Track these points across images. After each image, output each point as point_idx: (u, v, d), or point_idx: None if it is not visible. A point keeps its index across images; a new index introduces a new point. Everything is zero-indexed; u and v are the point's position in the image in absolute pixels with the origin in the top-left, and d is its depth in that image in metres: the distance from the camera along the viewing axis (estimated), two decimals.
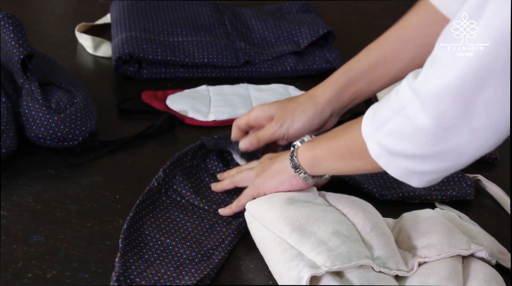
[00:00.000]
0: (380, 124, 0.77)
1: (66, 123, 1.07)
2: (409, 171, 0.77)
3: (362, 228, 0.89)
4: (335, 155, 0.89)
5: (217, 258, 0.91)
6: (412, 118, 0.72)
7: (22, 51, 1.10)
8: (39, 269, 0.88)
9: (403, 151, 0.75)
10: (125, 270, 0.87)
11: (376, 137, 0.78)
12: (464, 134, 0.70)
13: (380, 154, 0.78)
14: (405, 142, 0.74)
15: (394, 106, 0.75)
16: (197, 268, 0.89)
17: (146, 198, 0.99)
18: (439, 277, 0.84)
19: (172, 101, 1.24)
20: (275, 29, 1.43)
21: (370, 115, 0.81)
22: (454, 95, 0.68)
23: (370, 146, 0.79)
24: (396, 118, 0.75)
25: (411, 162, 0.76)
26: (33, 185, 1.03)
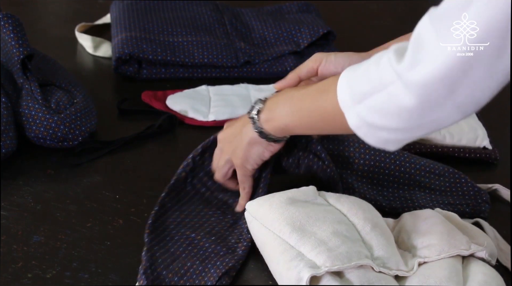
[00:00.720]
0: (360, 97, 0.77)
1: (66, 123, 1.07)
2: (388, 140, 0.78)
3: (362, 228, 0.89)
4: (307, 124, 0.89)
5: (241, 250, 0.92)
6: (396, 98, 0.73)
7: (22, 51, 1.10)
8: (39, 269, 0.88)
9: (385, 125, 0.76)
10: (152, 264, 0.88)
11: (356, 109, 0.77)
12: (447, 109, 0.71)
13: (360, 125, 0.78)
14: (388, 118, 0.75)
15: (375, 82, 0.75)
16: (222, 261, 0.90)
17: (172, 190, 1.00)
18: (439, 278, 0.84)
19: (172, 101, 1.24)
20: (275, 29, 1.43)
21: (344, 83, 0.79)
22: (441, 80, 0.69)
23: (349, 117, 0.79)
24: (378, 95, 0.75)
25: (392, 133, 0.76)
26: (33, 185, 1.03)
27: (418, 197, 1.02)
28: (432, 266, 0.87)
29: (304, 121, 0.88)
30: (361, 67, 0.79)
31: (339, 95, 0.79)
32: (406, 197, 1.03)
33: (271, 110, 0.91)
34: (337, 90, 0.80)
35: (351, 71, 0.80)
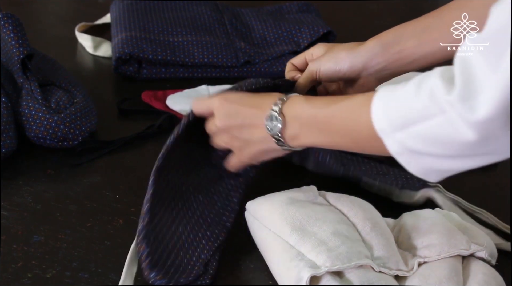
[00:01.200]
0: (402, 123, 0.72)
1: (66, 123, 1.07)
2: (432, 169, 0.74)
3: (362, 228, 0.89)
4: (337, 144, 0.84)
5: (229, 222, 0.93)
6: (450, 129, 0.68)
7: (22, 51, 1.10)
8: (39, 269, 0.88)
9: (432, 153, 0.72)
10: (154, 227, 0.88)
11: (397, 137, 0.73)
12: (504, 141, 0.68)
13: (401, 152, 0.74)
14: (437, 147, 0.71)
15: (418, 111, 0.71)
16: (211, 231, 0.91)
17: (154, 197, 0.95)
18: (439, 278, 0.84)
19: (172, 101, 1.24)
20: (275, 29, 1.43)
21: (381, 109, 0.75)
22: (502, 112, 0.65)
23: (388, 144, 0.75)
24: (424, 123, 0.70)
25: (438, 161, 0.72)
26: (33, 185, 1.03)
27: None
28: (432, 266, 0.87)
29: (334, 142, 0.83)
30: (398, 91, 0.74)
31: (376, 122, 0.75)
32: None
33: (294, 127, 0.85)
34: (372, 116, 0.75)
35: (387, 95, 0.75)
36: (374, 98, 0.76)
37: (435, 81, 0.70)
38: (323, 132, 0.83)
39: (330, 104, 0.83)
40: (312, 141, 0.85)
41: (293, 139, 0.86)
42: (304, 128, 0.85)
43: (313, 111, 0.84)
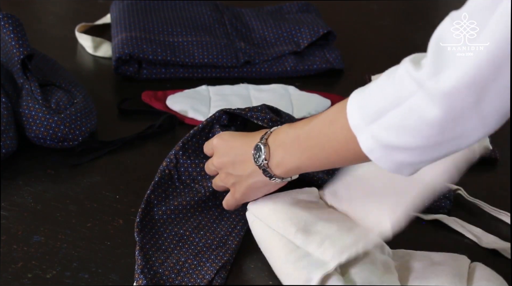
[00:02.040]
0: (374, 116, 0.72)
1: (66, 123, 1.07)
2: (404, 163, 0.73)
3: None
4: (319, 161, 0.83)
5: (233, 243, 0.93)
6: (418, 111, 0.68)
7: (22, 51, 1.10)
8: (39, 269, 0.88)
9: (402, 145, 0.71)
10: (147, 262, 0.88)
11: (370, 130, 0.72)
12: (473, 121, 0.67)
13: (373, 148, 0.73)
14: (407, 135, 0.70)
15: (391, 97, 0.70)
16: (216, 254, 0.90)
17: (157, 187, 0.99)
18: (440, 281, 0.84)
19: (172, 101, 1.24)
20: (275, 29, 1.43)
21: (355, 105, 0.74)
22: (469, 86, 0.64)
23: (361, 140, 0.74)
24: (395, 110, 0.70)
25: (409, 154, 0.72)
26: (33, 185, 1.03)
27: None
28: (434, 269, 0.87)
29: (316, 159, 0.82)
30: (370, 86, 0.74)
31: (350, 119, 0.74)
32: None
33: (278, 154, 0.85)
34: (347, 114, 0.75)
35: (360, 91, 0.75)
36: (349, 98, 0.76)
37: (405, 65, 0.70)
38: (305, 150, 0.83)
39: (310, 121, 0.83)
40: (296, 163, 0.85)
41: (278, 166, 0.86)
42: (287, 153, 0.85)
43: (295, 133, 0.84)
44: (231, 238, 0.94)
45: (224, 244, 0.93)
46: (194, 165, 1.02)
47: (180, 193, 1.00)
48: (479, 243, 0.96)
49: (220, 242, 0.93)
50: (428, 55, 0.68)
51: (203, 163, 1.02)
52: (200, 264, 0.89)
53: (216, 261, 0.89)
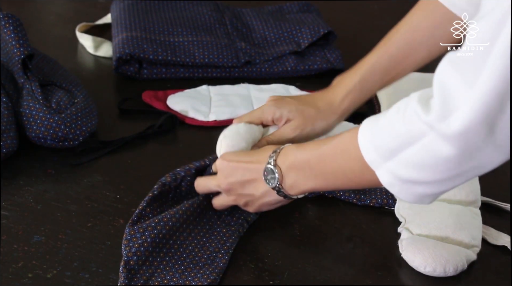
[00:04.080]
0: (389, 153, 0.75)
1: (66, 123, 1.07)
2: (424, 195, 0.76)
3: None
4: (333, 185, 0.88)
5: (221, 262, 0.90)
6: (433, 150, 0.70)
7: (22, 51, 1.10)
8: (39, 269, 0.88)
9: (421, 180, 0.74)
10: (131, 279, 0.86)
11: (387, 166, 0.75)
12: (488, 151, 0.69)
13: (393, 182, 0.76)
14: (425, 171, 0.73)
15: (403, 137, 0.73)
16: (202, 273, 0.88)
17: (153, 201, 0.97)
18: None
19: (173, 101, 1.24)
20: (275, 29, 1.43)
21: (368, 141, 0.77)
22: (480, 123, 0.66)
23: (380, 175, 0.76)
24: (410, 149, 0.73)
25: (429, 187, 0.74)
26: (34, 185, 1.03)
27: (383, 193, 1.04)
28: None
29: (330, 183, 0.85)
30: (381, 121, 0.76)
31: (365, 154, 0.77)
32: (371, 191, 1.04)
33: (291, 176, 0.86)
34: (361, 149, 0.77)
35: (371, 126, 0.77)
36: (360, 131, 0.78)
37: (413, 106, 0.72)
38: (318, 175, 0.85)
39: (319, 146, 0.85)
40: (310, 186, 0.86)
41: (292, 188, 0.87)
42: (300, 176, 0.86)
43: (305, 156, 0.86)
44: (220, 256, 0.91)
45: (212, 261, 0.90)
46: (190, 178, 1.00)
47: (170, 206, 0.98)
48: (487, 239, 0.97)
49: (208, 260, 0.91)
50: (435, 97, 0.70)
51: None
52: (185, 283, 0.87)
53: (202, 280, 0.87)
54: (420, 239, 0.93)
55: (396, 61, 0.99)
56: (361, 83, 0.99)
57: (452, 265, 0.90)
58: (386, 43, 1.00)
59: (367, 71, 1.00)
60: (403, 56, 0.99)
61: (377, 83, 1.00)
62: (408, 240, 0.94)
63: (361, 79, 0.99)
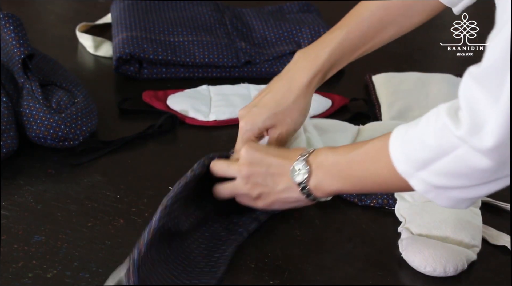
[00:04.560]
0: (421, 164, 0.76)
1: (66, 123, 1.07)
2: (461, 199, 0.77)
3: None
4: (360, 189, 0.91)
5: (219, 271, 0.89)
6: (467, 161, 0.72)
7: (22, 51, 1.10)
8: (39, 268, 0.88)
9: (457, 186, 0.75)
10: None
11: (420, 176, 0.77)
12: None
13: (428, 190, 0.77)
14: (461, 179, 0.74)
15: (436, 149, 0.74)
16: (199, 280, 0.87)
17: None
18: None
19: (173, 101, 1.24)
20: (275, 29, 1.43)
21: (399, 152, 0.78)
22: (508, 138, 0.68)
23: (414, 184, 0.78)
24: (443, 160, 0.74)
25: (465, 192, 0.76)
26: (34, 185, 1.03)
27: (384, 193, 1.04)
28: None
29: (358, 187, 0.87)
30: (411, 132, 0.78)
31: (397, 165, 0.78)
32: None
33: (318, 175, 0.86)
34: (393, 160, 0.78)
35: (402, 137, 0.78)
36: (391, 141, 0.79)
37: (444, 119, 0.73)
38: (346, 179, 0.85)
39: (350, 150, 0.85)
40: (336, 188, 0.87)
41: (317, 188, 0.87)
42: (327, 176, 0.86)
43: (335, 159, 0.86)
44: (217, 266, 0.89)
45: (209, 271, 0.89)
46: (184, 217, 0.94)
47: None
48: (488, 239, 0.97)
49: (205, 267, 0.89)
50: (463, 111, 0.71)
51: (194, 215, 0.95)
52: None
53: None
54: (420, 239, 0.93)
55: (366, 38, 1.00)
56: (330, 61, 1.00)
57: (452, 265, 0.90)
58: (356, 19, 1.00)
59: (335, 48, 0.99)
60: (374, 32, 0.99)
61: (346, 59, 1.01)
62: (408, 240, 0.94)
63: (329, 57, 0.99)
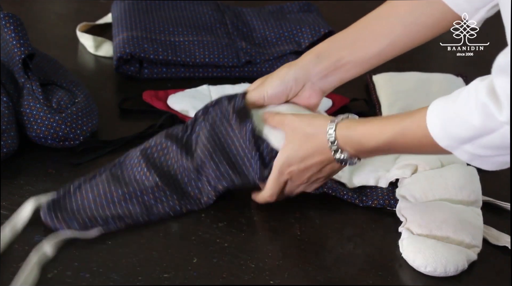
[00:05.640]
0: (465, 140, 0.80)
1: (67, 123, 1.07)
2: (505, 163, 0.81)
3: None
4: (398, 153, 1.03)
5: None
6: (510, 137, 0.76)
7: (23, 50, 1.10)
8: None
9: (502, 154, 0.80)
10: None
11: (465, 148, 0.81)
12: None
13: (473, 158, 0.82)
14: (505, 150, 0.78)
15: (479, 129, 0.78)
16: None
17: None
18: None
19: (173, 100, 1.24)
20: (276, 28, 1.43)
21: (441, 130, 0.82)
22: None
23: (459, 155, 0.82)
24: (488, 137, 0.78)
25: (508, 156, 0.80)
26: (34, 185, 1.03)
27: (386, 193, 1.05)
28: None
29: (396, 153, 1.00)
30: (450, 110, 0.81)
31: (440, 142, 0.82)
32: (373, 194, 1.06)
33: (359, 154, 0.93)
34: (434, 138, 0.82)
35: (442, 115, 0.82)
36: (428, 120, 0.83)
37: (484, 100, 0.76)
38: (388, 152, 0.93)
39: (384, 130, 0.88)
40: (380, 155, 0.95)
41: (358, 153, 0.93)
42: (373, 154, 0.93)
43: (371, 142, 0.90)
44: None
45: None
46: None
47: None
48: (489, 239, 0.97)
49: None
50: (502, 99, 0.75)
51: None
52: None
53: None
54: (421, 239, 0.93)
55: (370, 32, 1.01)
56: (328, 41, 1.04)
57: (453, 265, 0.90)
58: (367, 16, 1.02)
59: (337, 34, 1.03)
60: (379, 28, 1.00)
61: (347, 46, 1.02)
62: (409, 239, 0.94)
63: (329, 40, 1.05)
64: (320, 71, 1.01)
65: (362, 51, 1.00)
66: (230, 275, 0.90)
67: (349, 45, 1.00)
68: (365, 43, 1.00)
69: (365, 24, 1.01)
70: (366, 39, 1.00)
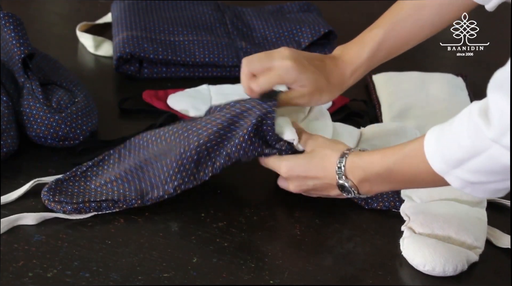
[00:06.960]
0: (456, 163, 0.79)
1: (67, 123, 1.07)
2: (497, 190, 0.80)
3: None
4: (406, 188, 0.99)
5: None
6: (501, 159, 0.75)
7: (23, 50, 1.10)
8: (40, 268, 0.88)
9: (492, 180, 0.79)
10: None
11: (456, 173, 0.80)
12: None
13: (464, 185, 0.81)
14: (493, 175, 0.78)
15: (469, 149, 0.77)
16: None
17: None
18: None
19: (173, 100, 1.24)
20: (276, 28, 1.43)
21: (435, 152, 0.82)
22: None
23: (451, 181, 0.82)
24: (477, 159, 0.77)
25: (501, 184, 0.79)
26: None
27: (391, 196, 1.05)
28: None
29: (403, 187, 0.98)
30: (446, 132, 0.81)
31: (432, 164, 0.82)
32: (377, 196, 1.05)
33: (365, 187, 0.93)
34: (428, 159, 0.82)
35: (437, 136, 0.82)
36: (426, 142, 0.83)
37: (475, 120, 0.76)
38: (391, 183, 0.92)
39: (386, 157, 0.90)
40: (386, 189, 0.95)
41: (369, 193, 0.94)
42: (374, 185, 0.92)
43: (374, 170, 0.91)
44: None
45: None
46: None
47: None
48: (493, 241, 0.97)
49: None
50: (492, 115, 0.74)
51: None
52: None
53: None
54: (421, 238, 0.93)
55: (402, 41, 1.04)
56: (369, 60, 1.04)
57: (452, 265, 0.90)
58: (392, 19, 1.05)
59: (374, 48, 1.04)
60: (409, 36, 1.03)
61: (382, 60, 1.05)
62: (410, 238, 0.94)
63: (368, 57, 1.04)
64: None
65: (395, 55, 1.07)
66: (230, 275, 0.90)
67: (385, 57, 1.06)
68: (399, 51, 1.06)
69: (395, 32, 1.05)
70: (400, 48, 1.06)
